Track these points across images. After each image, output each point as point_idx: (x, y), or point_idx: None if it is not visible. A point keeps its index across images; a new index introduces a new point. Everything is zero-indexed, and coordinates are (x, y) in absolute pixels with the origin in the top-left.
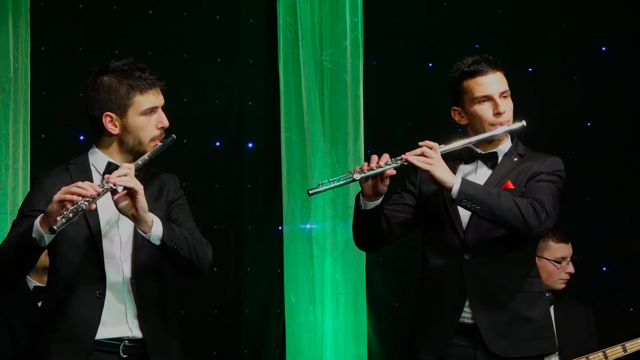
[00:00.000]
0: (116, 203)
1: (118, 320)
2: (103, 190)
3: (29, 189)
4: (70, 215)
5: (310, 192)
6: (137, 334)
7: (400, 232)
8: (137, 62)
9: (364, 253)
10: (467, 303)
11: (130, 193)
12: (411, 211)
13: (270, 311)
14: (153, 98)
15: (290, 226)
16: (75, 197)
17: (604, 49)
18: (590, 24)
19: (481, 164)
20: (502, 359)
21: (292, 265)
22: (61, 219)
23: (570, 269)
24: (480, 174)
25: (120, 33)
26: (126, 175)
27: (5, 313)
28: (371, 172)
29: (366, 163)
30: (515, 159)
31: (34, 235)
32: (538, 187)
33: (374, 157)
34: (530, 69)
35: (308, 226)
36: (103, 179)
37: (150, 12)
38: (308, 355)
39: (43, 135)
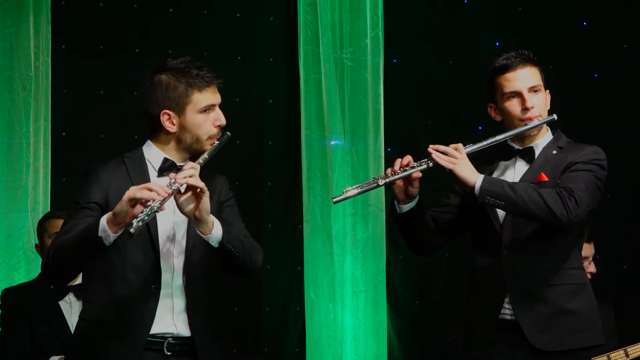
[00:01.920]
0: (180, 204)
1: (165, 316)
2: (172, 191)
3: (51, 185)
4: (146, 218)
5: (334, 200)
6: (181, 331)
7: (450, 234)
8: (194, 61)
9: (384, 251)
10: (506, 299)
11: (196, 194)
12: (457, 212)
13: (290, 309)
14: (211, 96)
15: (311, 224)
16: (147, 198)
17: (625, 46)
18: (611, 21)
19: (519, 159)
20: (545, 354)
21: (312, 263)
22: (137, 222)
23: (592, 268)
24: (518, 169)
25: (140, 31)
26: (192, 177)
27: (25, 311)
28: (395, 177)
29: (390, 169)
30: (554, 152)
31: (100, 234)
32: (572, 176)
33: (398, 161)
34: (550, 67)
35: None
36: (170, 179)
37: (171, 10)
38: (328, 353)
39: (64, 133)
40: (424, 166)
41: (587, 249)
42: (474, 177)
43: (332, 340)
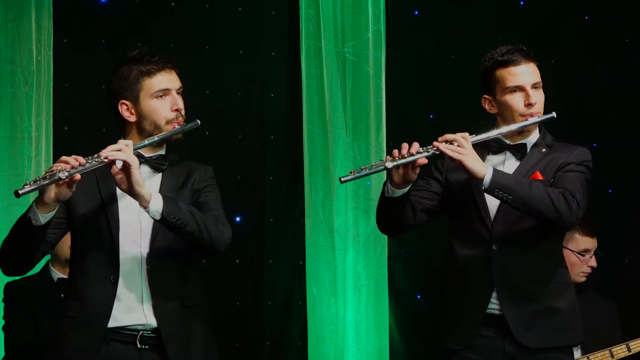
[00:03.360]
0: (116, 181)
1: (134, 307)
2: (94, 163)
3: None
4: (44, 181)
5: (342, 179)
6: (151, 322)
7: (424, 219)
8: (151, 50)
9: (386, 245)
10: (494, 294)
11: (125, 167)
12: (436, 198)
13: (292, 303)
14: (163, 80)
15: (312, 218)
16: (56, 166)
17: (627, 40)
18: (612, 16)
19: (510, 155)
20: (529, 350)
21: (314, 257)
22: (31, 184)
23: (593, 262)
24: (508, 165)
25: (142, 25)
26: (120, 150)
27: (29, 304)
28: (403, 160)
29: (397, 151)
30: (544, 150)
31: (29, 214)
32: (567, 177)
33: (405, 145)
34: (552, 61)
35: None
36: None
37: (173, 4)
38: (330, 347)
39: (65, 128)
40: (431, 152)
41: (590, 243)
42: (483, 169)
43: (334, 335)
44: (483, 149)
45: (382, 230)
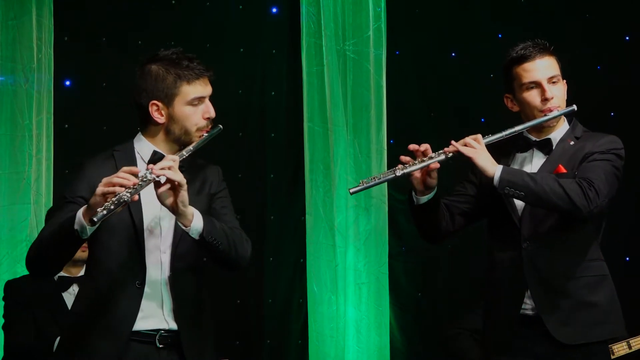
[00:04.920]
0: (159, 195)
1: (155, 311)
2: (146, 182)
3: (53, 178)
4: (112, 207)
5: (351, 190)
6: (173, 326)
7: (463, 223)
8: (186, 52)
9: (387, 243)
10: (527, 294)
11: (173, 186)
12: (473, 202)
13: (292, 301)
14: (200, 88)
15: (313, 216)
16: (117, 189)
17: (627, 38)
18: (613, 14)
19: (536, 151)
20: (565, 347)
21: (315, 255)
22: (102, 211)
23: None
24: (535, 161)
25: (142, 23)
26: (170, 168)
27: (29, 303)
28: (413, 168)
29: (409, 158)
30: (572, 143)
31: (76, 226)
32: (590, 166)
33: (419, 152)
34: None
35: None
36: (147, 169)
37: (173, 2)
38: (330, 344)
39: (66, 125)
40: (442, 157)
41: None
42: (493, 168)
43: (335, 332)
44: (510, 147)
45: (424, 239)
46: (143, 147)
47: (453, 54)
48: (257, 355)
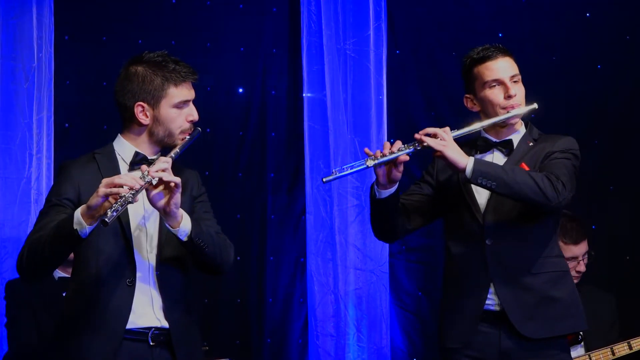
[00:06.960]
0: (152, 197)
1: (146, 309)
2: (145, 183)
3: (53, 177)
4: (120, 208)
5: (324, 179)
6: (165, 324)
7: (419, 223)
8: (171, 55)
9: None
10: (491, 290)
11: (169, 188)
12: (429, 201)
13: (293, 300)
14: (186, 91)
15: (314, 215)
16: (121, 190)
17: (627, 37)
18: (614, 13)
19: (497, 151)
20: (530, 341)
21: (315, 254)
22: (112, 212)
23: (581, 267)
24: (496, 162)
25: (143, 22)
26: (164, 170)
27: (31, 303)
28: (384, 159)
29: (379, 150)
30: (531, 144)
31: (75, 227)
32: (553, 164)
33: (387, 144)
34: (554, 58)
35: None
36: (143, 171)
37: (174, 1)
38: (331, 344)
39: (67, 125)
40: (412, 149)
41: (576, 250)
42: (465, 159)
43: (335, 332)
44: (470, 149)
45: (377, 236)
46: (124, 148)
47: (454, 53)
48: (258, 355)
